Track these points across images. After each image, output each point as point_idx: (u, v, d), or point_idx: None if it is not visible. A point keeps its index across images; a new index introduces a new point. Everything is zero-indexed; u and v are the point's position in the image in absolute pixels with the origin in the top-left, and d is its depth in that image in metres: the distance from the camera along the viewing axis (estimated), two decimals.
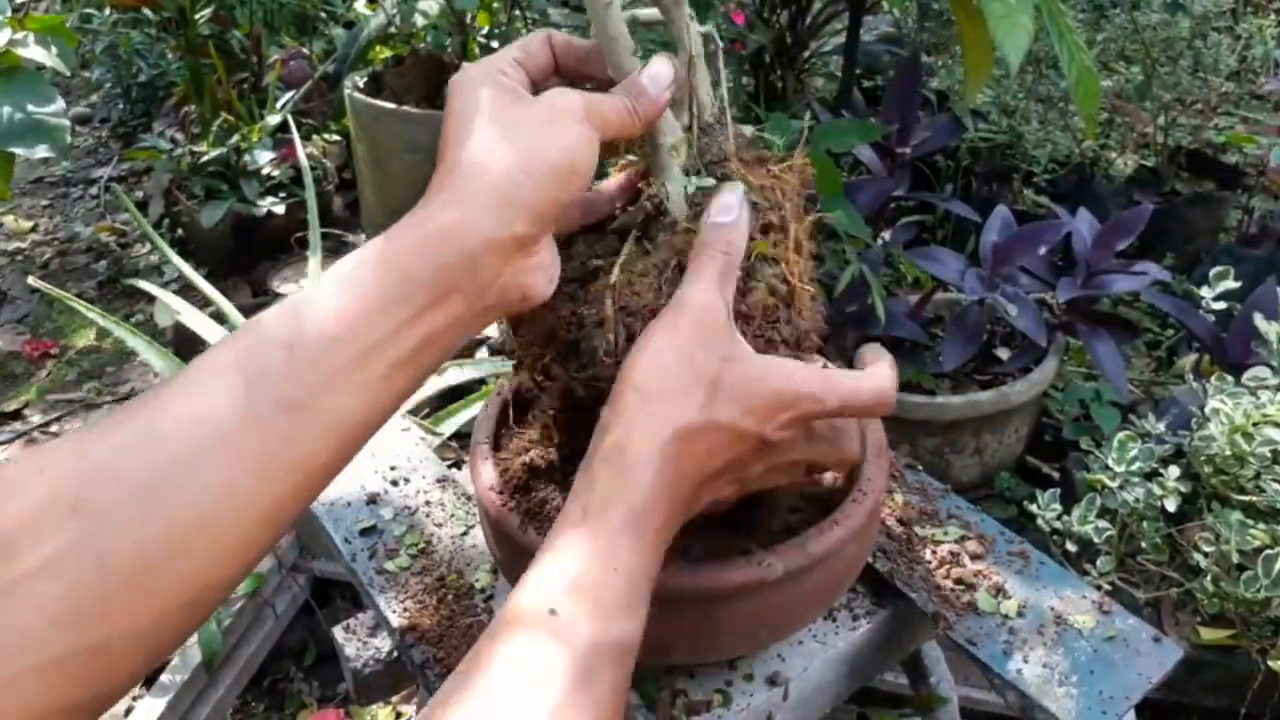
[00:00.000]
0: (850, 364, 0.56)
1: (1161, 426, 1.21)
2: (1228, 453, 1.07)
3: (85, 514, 0.37)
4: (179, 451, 0.39)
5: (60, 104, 1.40)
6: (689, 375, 0.48)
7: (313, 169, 2.15)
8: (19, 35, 1.40)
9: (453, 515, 0.81)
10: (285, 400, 0.41)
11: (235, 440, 0.40)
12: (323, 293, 0.44)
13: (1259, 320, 1.25)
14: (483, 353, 1.90)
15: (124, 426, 0.40)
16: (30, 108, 1.38)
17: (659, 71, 0.52)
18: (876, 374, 0.53)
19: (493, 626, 0.43)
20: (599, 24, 0.51)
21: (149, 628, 0.38)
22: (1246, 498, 1.07)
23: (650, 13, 0.54)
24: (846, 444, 0.57)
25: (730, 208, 0.52)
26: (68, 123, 1.41)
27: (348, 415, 0.43)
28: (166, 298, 1.74)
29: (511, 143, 0.47)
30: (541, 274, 0.50)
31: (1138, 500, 1.12)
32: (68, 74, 1.50)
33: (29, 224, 2.92)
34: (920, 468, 0.86)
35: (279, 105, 2.59)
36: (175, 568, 0.38)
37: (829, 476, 0.68)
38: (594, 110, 0.49)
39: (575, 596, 0.43)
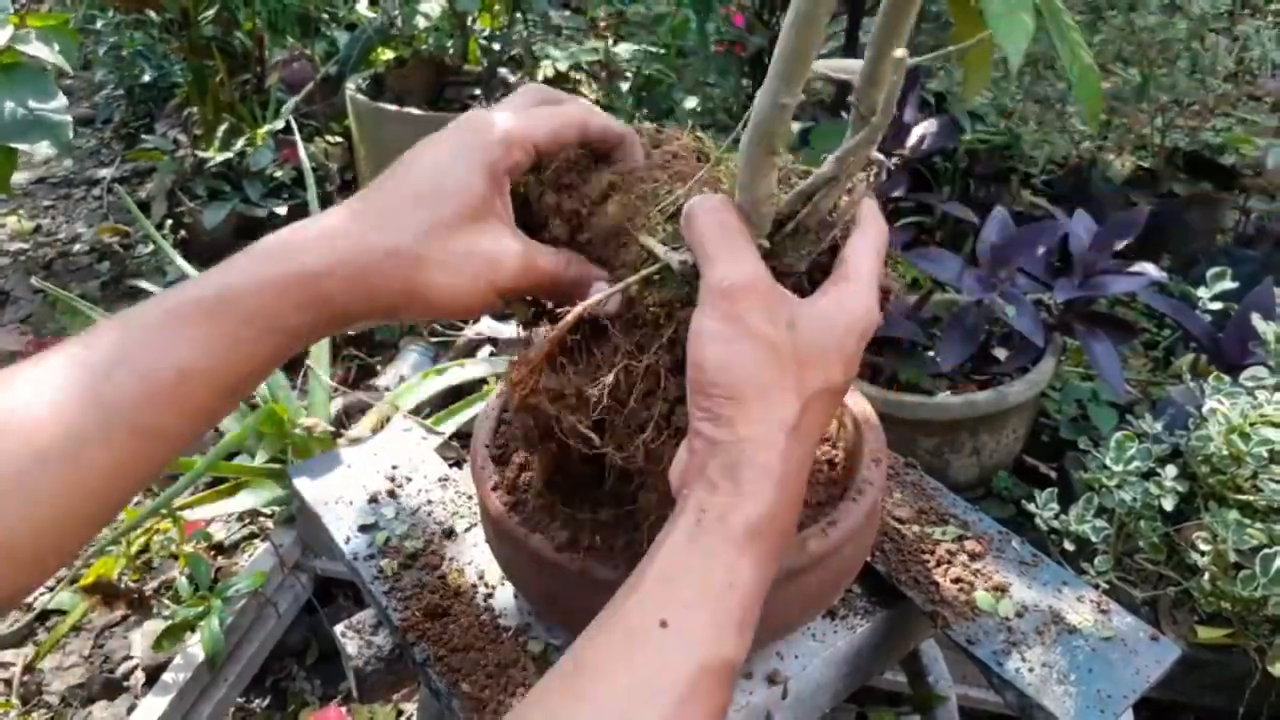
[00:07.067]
0: None
1: (1159, 426, 1.21)
2: (1225, 452, 1.08)
3: None
4: (23, 460, 0.40)
5: (62, 100, 1.41)
6: (774, 361, 0.45)
7: (315, 170, 2.16)
8: (21, 32, 1.41)
9: (454, 514, 0.81)
10: (140, 427, 0.42)
11: (85, 454, 0.41)
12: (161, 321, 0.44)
13: (1256, 320, 1.25)
14: (483, 352, 1.90)
15: None
16: (32, 104, 1.39)
17: (609, 306, 0.51)
18: (864, 233, 0.50)
19: (597, 626, 0.42)
20: (746, 182, 0.48)
21: None
22: (1244, 497, 1.07)
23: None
24: None
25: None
26: (69, 119, 1.41)
27: (193, 435, 0.45)
28: None
29: (419, 256, 0.47)
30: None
31: (1135, 500, 1.13)
32: (70, 71, 1.50)
33: (32, 224, 2.92)
34: (918, 467, 0.86)
35: (282, 107, 2.59)
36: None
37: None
38: (528, 265, 0.50)
39: (690, 611, 0.41)
